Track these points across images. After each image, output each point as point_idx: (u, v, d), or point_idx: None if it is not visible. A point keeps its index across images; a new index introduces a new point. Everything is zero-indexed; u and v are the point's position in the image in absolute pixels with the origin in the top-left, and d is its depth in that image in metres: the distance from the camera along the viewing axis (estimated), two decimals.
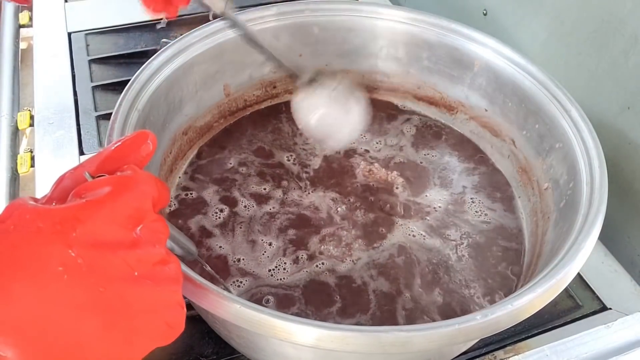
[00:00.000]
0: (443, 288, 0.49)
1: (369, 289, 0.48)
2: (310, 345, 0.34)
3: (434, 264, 0.50)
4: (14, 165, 0.64)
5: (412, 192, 0.56)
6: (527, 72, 0.54)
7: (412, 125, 0.63)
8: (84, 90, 0.72)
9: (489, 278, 0.50)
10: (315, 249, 0.51)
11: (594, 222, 0.41)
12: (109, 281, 0.28)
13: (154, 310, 0.30)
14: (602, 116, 0.57)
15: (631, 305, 0.53)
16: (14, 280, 0.26)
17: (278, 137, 0.61)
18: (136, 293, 0.29)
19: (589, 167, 0.45)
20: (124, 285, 0.29)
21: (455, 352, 0.45)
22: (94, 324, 0.28)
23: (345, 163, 0.59)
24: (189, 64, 0.54)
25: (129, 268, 0.29)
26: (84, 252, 0.28)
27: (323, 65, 0.64)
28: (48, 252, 0.27)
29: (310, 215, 0.53)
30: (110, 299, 0.28)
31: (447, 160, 0.60)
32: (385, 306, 0.47)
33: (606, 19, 0.55)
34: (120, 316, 0.28)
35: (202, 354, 0.48)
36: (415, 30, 0.60)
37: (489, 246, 0.52)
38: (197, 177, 0.57)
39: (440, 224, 0.53)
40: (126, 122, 0.46)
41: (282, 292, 0.48)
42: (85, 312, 0.27)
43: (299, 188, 0.56)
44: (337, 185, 0.56)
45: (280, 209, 0.54)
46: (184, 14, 0.84)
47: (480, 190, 0.57)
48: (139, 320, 0.29)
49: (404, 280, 0.49)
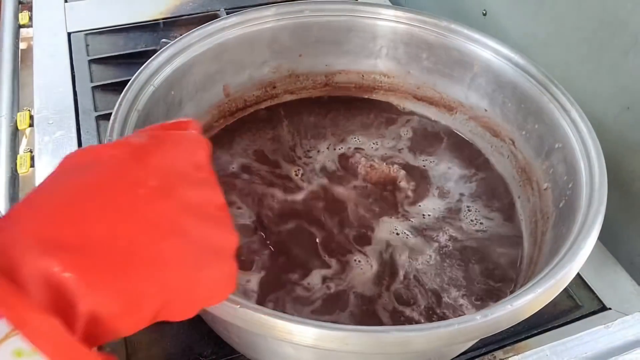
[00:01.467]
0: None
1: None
2: (309, 345, 0.34)
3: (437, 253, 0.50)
4: (13, 166, 0.64)
5: (414, 193, 0.56)
6: (527, 72, 0.54)
7: (411, 126, 0.63)
8: (84, 91, 0.72)
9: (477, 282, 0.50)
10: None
11: (594, 222, 0.41)
12: (177, 209, 0.28)
13: (215, 252, 0.30)
14: (602, 116, 0.57)
15: (631, 305, 0.53)
16: (90, 202, 0.26)
17: (278, 137, 0.61)
18: (201, 229, 0.29)
19: (588, 168, 0.45)
20: (194, 217, 0.29)
21: (455, 352, 0.45)
22: (167, 246, 0.27)
23: (345, 163, 0.59)
24: (188, 64, 0.54)
25: (198, 203, 0.29)
26: (159, 176, 0.28)
27: (323, 66, 0.65)
28: (123, 173, 0.28)
29: (310, 216, 0.54)
30: (181, 223, 0.28)
31: (447, 161, 0.60)
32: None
33: (606, 19, 0.55)
34: (190, 244, 0.28)
35: (202, 354, 0.48)
36: (415, 30, 0.60)
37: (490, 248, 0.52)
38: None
39: (438, 226, 0.54)
40: (126, 122, 0.46)
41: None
42: (160, 233, 0.27)
43: (298, 188, 0.56)
44: (337, 184, 0.56)
45: (279, 209, 0.54)
46: (184, 14, 0.84)
47: (479, 192, 0.57)
48: (205, 254, 0.29)
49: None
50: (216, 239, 0.30)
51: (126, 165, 0.28)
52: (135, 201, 0.27)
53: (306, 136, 0.62)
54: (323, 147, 0.60)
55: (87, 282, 0.25)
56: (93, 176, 0.28)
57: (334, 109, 0.65)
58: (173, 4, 0.86)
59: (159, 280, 0.27)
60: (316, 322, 0.34)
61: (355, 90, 0.66)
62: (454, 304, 0.48)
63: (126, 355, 0.48)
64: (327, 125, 0.63)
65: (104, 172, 0.28)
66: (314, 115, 0.64)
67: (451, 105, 0.63)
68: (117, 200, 0.27)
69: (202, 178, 0.31)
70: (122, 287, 0.26)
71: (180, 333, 0.49)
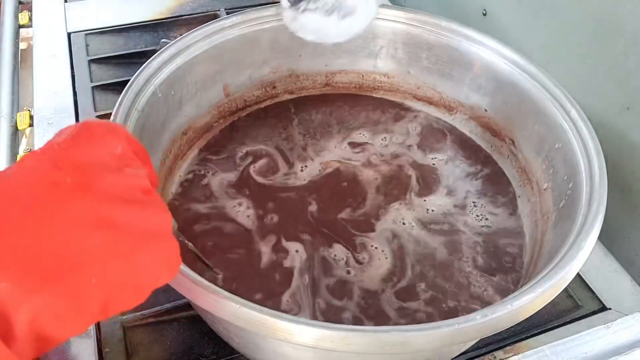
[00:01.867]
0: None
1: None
2: (309, 345, 0.34)
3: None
4: None
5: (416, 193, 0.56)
6: (527, 72, 0.54)
7: (412, 126, 0.63)
8: (84, 91, 0.72)
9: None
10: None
11: (594, 222, 0.41)
12: (99, 200, 0.28)
13: (149, 233, 0.30)
14: (602, 116, 0.57)
15: (631, 305, 0.53)
16: (7, 210, 0.26)
17: (278, 137, 0.61)
18: (129, 215, 0.29)
19: (588, 168, 0.45)
20: (115, 206, 0.29)
21: (455, 352, 0.45)
22: (96, 238, 0.27)
23: (344, 162, 0.59)
24: (188, 64, 0.54)
25: (121, 190, 0.29)
26: (76, 173, 0.28)
27: (323, 66, 0.64)
28: (39, 176, 0.28)
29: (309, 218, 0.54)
30: (107, 215, 0.28)
31: (448, 162, 0.60)
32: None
33: (606, 19, 0.55)
34: (119, 232, 0.28)
35: (202, 354, 0.48)
36: (415, 30, 0.60)
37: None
38: (196, 177, 0.57)
39: (439, 222, 0.54)
40: (126, 122, 0.46)
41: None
42: (85, 226, 0.27)
43: (299, 187, 0.56)
44: (336, 184, 0.57)
45: (279, 207, 0.54)
46: (184, 14, 0.84)
47: (481, 193, 0.57)
48: (139, 239, 0.29)
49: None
50: (147, 221, 0.30)
51: (42, 168, 0.28)
52: (55, 201, 0.27)
53: (310, 133, 0.62)
54: (329, 145, 0.60)
55: (24, 288, 0.25)
56: (10, 184, 0.28)
57: (337, 106, 0.65)
58: (173, 4, 0.86)
59: (95, 273, 0.27)
60: (316, 322, 0.34)
61: (355, 90, 0.67)
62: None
63: (126, 355, 0.48)
64: (333, 122, 0.63)
65: (21, 178, 0.28)
66: (318, 112, 0.64)
67: (451, 105, 0.63)
68: (37, 203, 0.27)
69: (122, 165, 0.31)
70: (60, 288, 0.26)
71: (181, 333, 0.49)
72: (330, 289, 0.48)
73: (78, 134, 0.31)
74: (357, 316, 0.46)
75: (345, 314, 0.46)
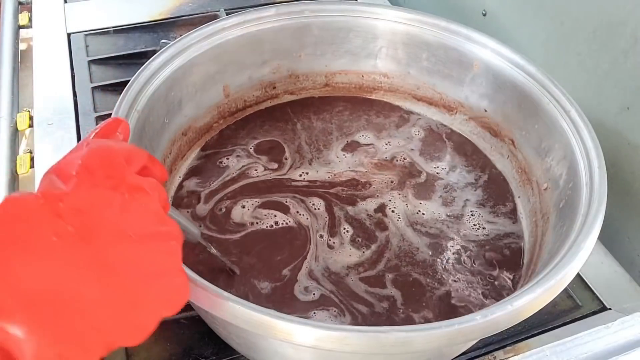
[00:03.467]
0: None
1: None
2: (309, 345, 0.34)
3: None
4: (13, 167, 0.64)
5: (414, 194, 0.56)
6: (527, 72, 0.54)
7: (412, 127, 0.63)
8: (84, 91, 0.72)
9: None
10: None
11: (594, 223, 0.41)
12: (101, 249, 0.28)
13: (155, 272, 0.30)
14: (602, 116, 0.57)
15: (631, 305, 0.53)
16: (11, 258, 0.26)
17: (278, 137, 0.61)
18: (134, 254, 0.29)
19: (588, 168, 0.45)
20: (120, 246, 0.29)
21: (455, 352, 0.45)
22: (97, 286, 0.28)
23: (345, 163, 0.59)
24: (188, 65, 0.54)
25: (124, 228, 0.29)
26: (73, 219, 0.28)
27: (323, 66, 0.65)
28: (39, 225, 0.28)
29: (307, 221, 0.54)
30: (109, 261, 0.28)
31: (448, 161, 0.60)
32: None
33: (606, 19, 0.55)
34: (121, 278, 0.28)
35: (202, 354, 0.48)
36: (414, 30, 0.60)
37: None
38: (196, 177, 0.57)
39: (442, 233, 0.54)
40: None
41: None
42: (87, 275, 0.27)
43: (299, 187, 0.56)
44: (335, 183, 0.57)
45: (279, 208, 0.54)
46: (183, 14, 0.84)
47: (481, 193, 0.57)
48: (141, 283, 0.29)
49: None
50: (154, 259, 0.30)
51: (39, 216, 0.28)
52: (58, 252, 0.27)
53: (311, 136, 0.62)
54: (329, 145, 0.61)
55: (31, 329, 0.25)
56: (13, 233, 0.27)
57: (338, 108, 0.65)
58: (173, 5, 0.86)
59: (97, 320, 0.28)
60: (316, 322, 0.34)
61: (355, 90, 0.67)
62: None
63: (126, 355, 0.48)
64: (333, 124, 0.63)
65: (23, 228, 0.28)
66: (317, 114, 0.64)
67: (451, 105, 0.63)
68: (40, 256, 0.27)
69: (128, 194, 0.30)
70: (63, 332, 0.26)
71: (181, 334, 0.49)
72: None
73: (78, 172, 0.30)
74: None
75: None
